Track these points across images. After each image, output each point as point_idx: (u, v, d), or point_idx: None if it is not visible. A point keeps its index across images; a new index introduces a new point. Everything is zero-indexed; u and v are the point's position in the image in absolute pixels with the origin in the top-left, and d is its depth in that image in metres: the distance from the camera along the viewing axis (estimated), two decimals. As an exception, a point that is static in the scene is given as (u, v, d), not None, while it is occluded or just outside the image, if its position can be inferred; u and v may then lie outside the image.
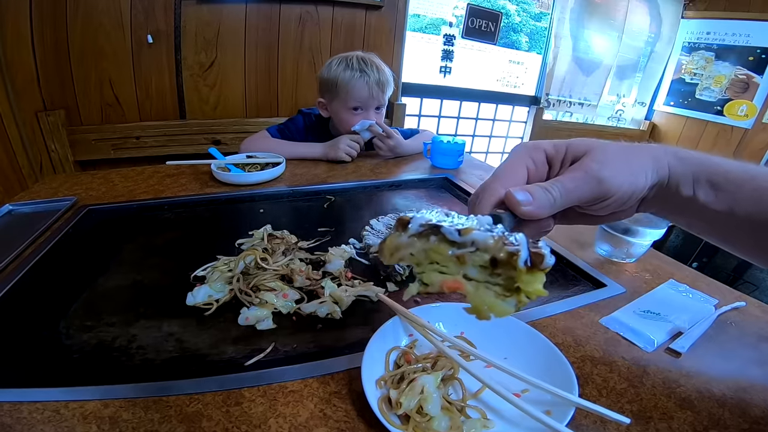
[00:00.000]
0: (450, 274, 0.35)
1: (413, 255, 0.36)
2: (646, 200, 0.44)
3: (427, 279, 0.36)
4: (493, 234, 0.33)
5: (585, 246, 0.89)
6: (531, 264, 0.32)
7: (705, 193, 0.41)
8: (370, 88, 1.38)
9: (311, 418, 0.45)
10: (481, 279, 0.34)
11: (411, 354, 0.52)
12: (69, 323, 0.60)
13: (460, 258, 0.34)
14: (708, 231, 0.45)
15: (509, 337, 0.55)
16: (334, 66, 1.39)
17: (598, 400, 0.51)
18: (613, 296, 0.73)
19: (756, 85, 2.67)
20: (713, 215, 0.42)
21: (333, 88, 1.39)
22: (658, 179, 0.42)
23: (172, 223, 0.95)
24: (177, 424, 0.44)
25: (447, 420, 0.43)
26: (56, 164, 1.69)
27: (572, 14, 2.70)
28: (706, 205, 0.41)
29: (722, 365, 0.58)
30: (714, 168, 0.42)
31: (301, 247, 0.81)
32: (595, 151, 0.41)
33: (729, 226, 0.42)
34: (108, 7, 1.60)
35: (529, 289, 0.32)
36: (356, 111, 1.42)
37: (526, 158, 0.43)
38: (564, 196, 0.39)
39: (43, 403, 0.45)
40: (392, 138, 1.42)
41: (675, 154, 0.43)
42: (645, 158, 0.42)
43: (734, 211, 0.40)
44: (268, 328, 0.60)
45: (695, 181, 0.42)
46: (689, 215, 0.44)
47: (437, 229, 0.34)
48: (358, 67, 1.37)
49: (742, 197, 0.40)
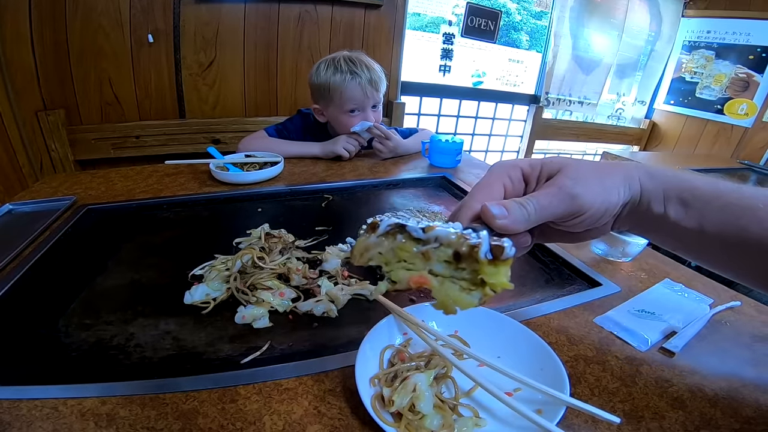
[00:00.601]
0: (416, 270, 0.36)
1: (381, 254, 0.37)
2: (620, 217, 0.45)
3: (395, 276, 0.37)
4: (456, 231, 0.35)
5: (581, 245, 0.89)
6: (492, 256, 0.33)
7: (675, 210, 0.42)
8: (364, 89, 1.36)
9: (305, 416, 0.46)
10: (447, 274, 0.35)
11: (405, 352, 0.52)
12: (68, 321, 0.61)
13: (425, 254, 0.35)
14: (682, 248, 0.46)
15: (503, 336, 0.56)
16: (323, 71, 1.37)
17: (590, 399, 0.51)
18: (608, 295, 0.73)
19: (756, 84, 2.67)
20: (684, 232, 0.42)
21: (326, 93, 1.38)
22: (630, 196, 0.43)
23: (170, 223, 0.96)
24: (173, 420, 0.45)
25: (439, 418, 0.43)
26: (56, 164, 1.70)
27: (572, 13, 2.69)
28: (677, 222, 0.42)
29: (715, 365, 0.58)
30: (683, 185, 0.42)
31: (298, 246, 0.81)
32: (568, 168, 0.42)
33: (701, 243, 0.43)
34: (107, 6, 1.60)
35: (494, 281, 0.33)
36: (353, 113, 1.41)
37: (503, 176, 0.44)
38: (538, 211, 0.39)
39: (41, 401, 0.46)
40: (391, 139, 1.41)
41: (646, 171, 0.44)
42: (617, 175, 0.43)
43: (704, 227, 0.41)
44: (264, 326, 0.61)
45: (666, 198, 0.43)
46: (662, 233, 0.45)
47: (403, 228, 0.36)
48: (348, 69, 1.35)
49: (710, 214, 0.41)
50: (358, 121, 1.39)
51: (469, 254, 0.33)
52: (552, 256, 0.85)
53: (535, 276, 0.80)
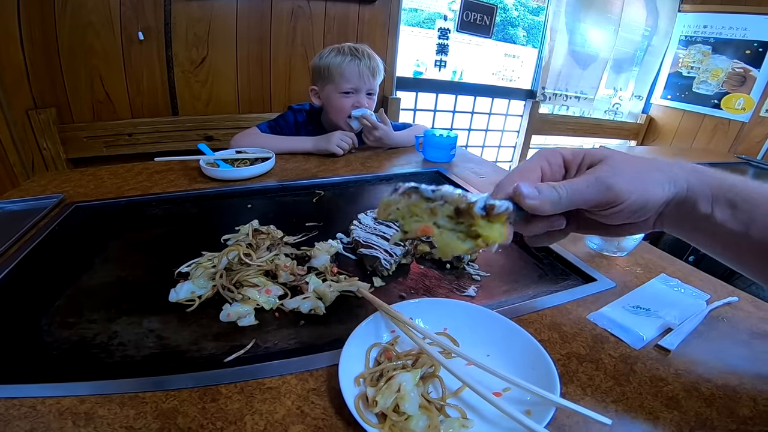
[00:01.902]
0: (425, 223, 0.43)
1: (399, 210, 0.44)
2: (664, 215, 0.44)
3: (407, 227, 0.44)
4: (460, 192, 0.41)
5: (576, 239, 0.88)
6: (486, 212, 0.39)
7: (722, 211, 0.41)
8: (361, 72, 1.41)
9: (288, 415, 0.45)
10: (449, 227, 0.42)
11: (392, 351, 0.51)
12: (50, 320, 0.60)
13: (433, 210, 0.42)
14: (722, 252, 0.45)
15: (493, 334, 0.55)
16: (326, 54, 1.44)
17: (583, 399, 0.50)
18: (603, 291, 0.72)
19: (753, 79, 2.66)
20: (728, 235, 0.42)
21: (325, 73, 1.43)
22: (675, 193, 0.42)
23: (159, 220, 0.94)
24: (152, 420, 0.44)
25: (425, 419, 0.42)
26: (48, 162, 1.68)
27: (568, 7, 2.68)
28: (723, 223, 0.41)
29: (712, 363, 0.57)
30: (733, 186, 0.42)
31: (287, 242, 0.80)
32: (610, 159, 0.42)
33: (744, 247, 0.42)
34: (96, 4, 1.57)
35: (486, 234, 0.39)
36: (348, 95, 1.43)
37: (542, 160, 0.45)
38: (570, 196, 0.40)
39: (19, 399, 0.46)
40: (378, 129, 1.43)
41: (694, 169, 0.43)
42: (662, 171, 0.42)
43: (750, 231, 0.41)
44: (249, 324, 0.60)
45: (713, 198, 0.42)
46: (704, 234, 0.44)
47: (417, 189, 0.43)
48: (350, 52, 1.41)
49: (759, 217, 0.40)
50: (351, 103, 1.43)
51: (467, 210, 0.39)
52: (546, 251, 0.84)
53: (528, 271, 0.79)
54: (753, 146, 2.69)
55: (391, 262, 0.73)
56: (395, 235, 0.46)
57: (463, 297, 0.70)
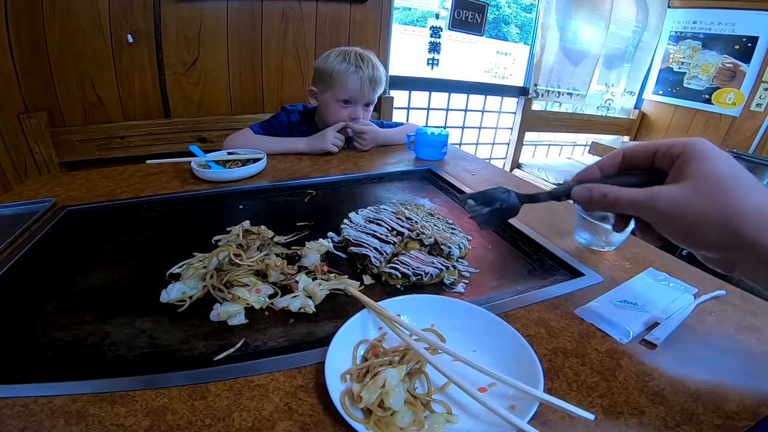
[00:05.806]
0: None
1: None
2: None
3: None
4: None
5: (564, 234, 0.89)
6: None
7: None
8: (362, 84, 1.41)
9: (276, 412, 0.45)
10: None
11: (380, 347, 0.52)
12: (44, 322, 0.61)
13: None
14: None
15: (479, 330, 0.55)
16: (332, 57, 1.43)
17: (568, 394, 0.50)
18: (591, 286, 0.72)
19: (743, 74, 2.68)
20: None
21: (327, 78, 1.43)
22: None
23: (151, 222, 0.94)
24: (142, 417, 0.44)
25: (410, 414, 0.43)
26: (41, 166, 1.67)
27: (558, 4, 2.69)
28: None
29: (699, 357, 0.57)
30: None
31: (277, 242, 0.80)
32: (689, 173, 0.41)
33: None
34: (85, 8, 1.57)
35: None
36: (345, 104, 1.45)
37: (618, 155, 0.48)
38: (617, 204, 0.44)
39: (12, 399, 0.46)
40: (366, 132, 1.45)
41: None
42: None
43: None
44: (239, 323, 0.60)
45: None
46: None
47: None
48: (355, 61, 1.40)
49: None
50: (347, 113, 1.44)
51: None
52: (534, 246, 0.84)
53: (517, 267, 0.80)
54: (744, 140, 2.71)
55: (381, 259, 0.73)
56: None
57: (452, 294, 0.70)
